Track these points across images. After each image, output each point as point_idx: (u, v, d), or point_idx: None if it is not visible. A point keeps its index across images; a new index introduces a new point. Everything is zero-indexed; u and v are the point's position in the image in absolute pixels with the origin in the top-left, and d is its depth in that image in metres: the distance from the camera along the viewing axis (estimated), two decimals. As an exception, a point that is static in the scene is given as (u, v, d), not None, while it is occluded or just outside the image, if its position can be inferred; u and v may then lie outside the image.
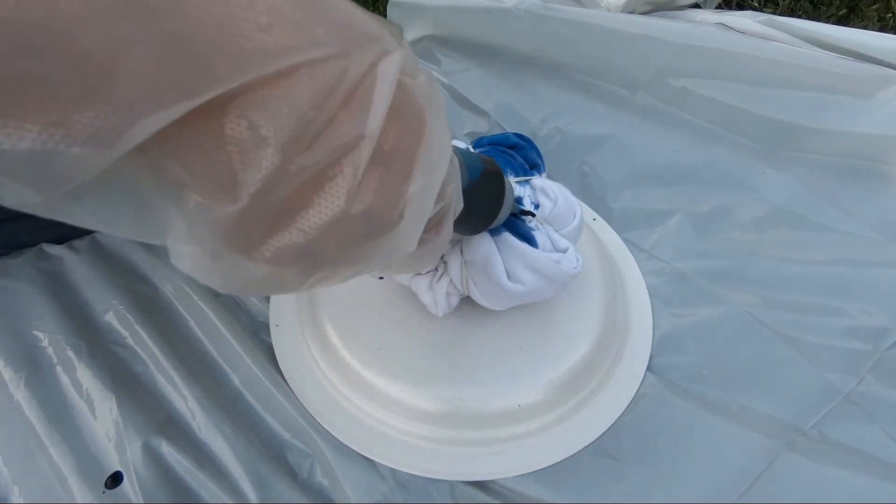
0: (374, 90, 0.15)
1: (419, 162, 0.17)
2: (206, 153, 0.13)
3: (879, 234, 0.41)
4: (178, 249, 0.15)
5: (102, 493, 0.30)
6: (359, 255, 0.17)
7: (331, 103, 0.14)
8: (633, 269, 0.43)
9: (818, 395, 0.34)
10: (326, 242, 0.16)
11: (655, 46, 0.49)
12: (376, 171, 0.16)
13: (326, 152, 0.14)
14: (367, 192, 0.16)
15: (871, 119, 0.43)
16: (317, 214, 0.15)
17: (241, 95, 0.13)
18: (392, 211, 0.17)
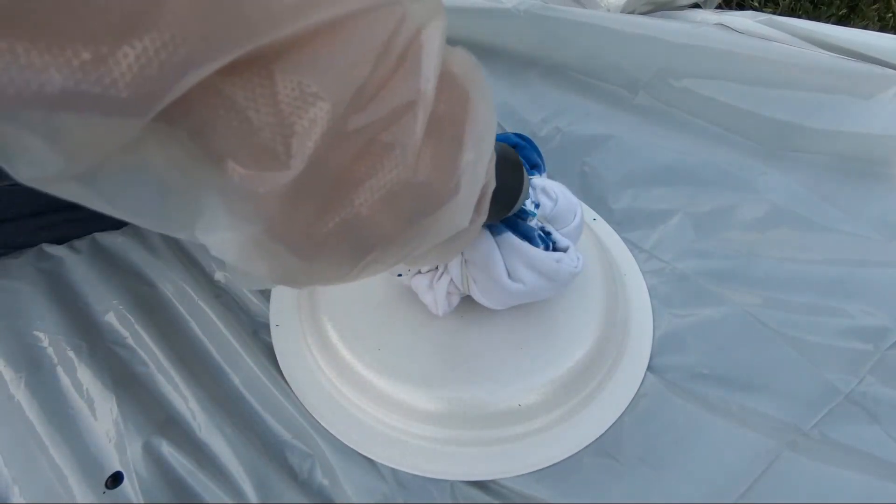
0: (422, 51, 0.14)
1: (468, 131, 0.16)
2: (254, 112, 0.11)
3: (880, 234, 0.41)
4: (216, 237, 0.14)
5: (103, 493, 0.30)
6: (413, 232, 0.16)
7: (388, 58, 0.13)
8: (633, 269, 0.43)
9: (819, 395, 0.34)
10: (383, 218, 0.14)
11: (656, 46, 0.49)
12: (431, 139, 0.14)
13: (383, 114, 0.13)
14: (424, 161, 0.14)
15: (872, 119, 0.43)
16: (375, 185, 0.14)
17: (293, 47, 0.11)
18: (449, 181, 0.16)
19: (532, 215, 0.34)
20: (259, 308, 0.39)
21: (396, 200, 0.14)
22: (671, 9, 0.55)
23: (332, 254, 0.15)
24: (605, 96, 0.52)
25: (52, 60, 0.09)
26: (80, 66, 0.09)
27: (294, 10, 0.11)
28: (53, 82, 0.09)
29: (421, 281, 0.34)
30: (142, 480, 0.30)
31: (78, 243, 0.41)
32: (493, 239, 0.32)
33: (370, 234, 0.15)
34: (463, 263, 0.32)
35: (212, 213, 0.13)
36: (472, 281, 0.32)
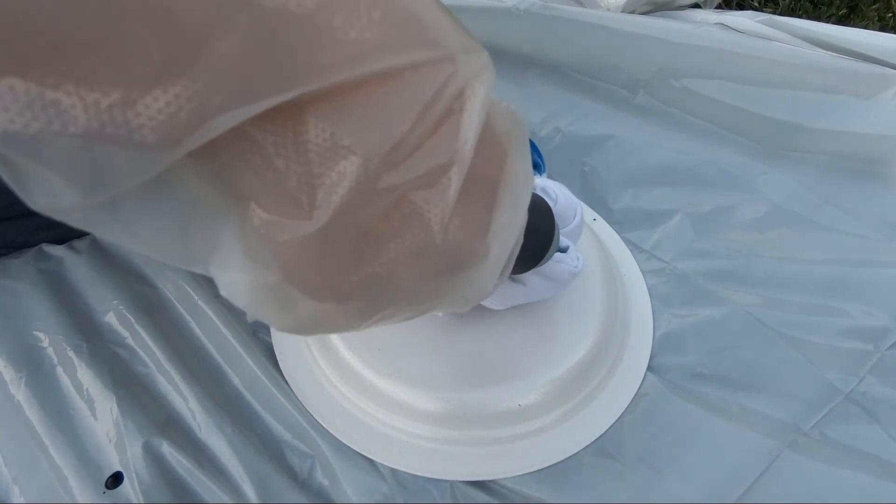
0: (465, 108, 0.13)
1: (504, 192, 0.15)
2: (282, 159, 0.11)
3: (880, 234, 0.41)
4: (231, 277, 0.13)
5: (103, 494, 0.30)
6: (434, 292, 0.15)
7: (429, 117, 0.12)
8: (633, 269, 0.42)
9: (819, 395, 0.34)
10: (405, 276, 0.14)
11: (656, 46, 0.49)
12: (465, 199, 0.14)
13: (417, 174, 0.12)
14: (454, 225, 0.14)
15: (872, 119, 0.43)
16: (401, 245, 0.13)
17: (332, 97, 0.11)
18: (479, 246, 0.15)
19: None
20: (259, 308, 0.39)
21: (421, 262, 0.14)
22: (671, 9, 0.55)
23: (348, 306, 0.14)
24: (605, 96, 0.52)
25: (80, 101, 0.09)
26: (107, 108, 0.09)
27: (340, 62, 0.11)
28: (78, 122, 0.09)
29: (421, 281, 0.34)
30: (142, 480, 0.30)
31: (78, 243, 0.41)
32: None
33: (390, 290, 0.14)
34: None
35: (228, 251, 0.13)
36: (472, 281, 0.32)
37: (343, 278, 0.13)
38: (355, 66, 0.11)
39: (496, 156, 0.15)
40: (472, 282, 0.16)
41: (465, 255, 0.15)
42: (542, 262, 0.29)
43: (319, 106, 0.11)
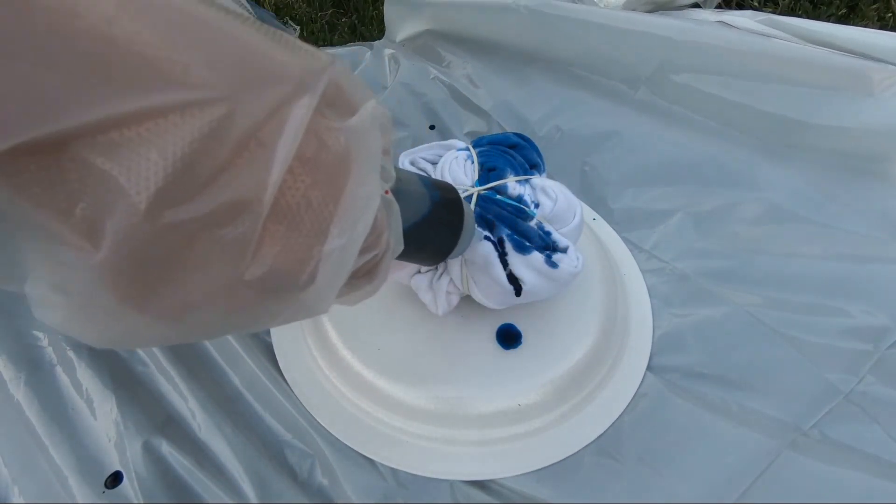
0: (277, 139, 0.13)
1: (338, 217, 0.15)
2: (62, 194, 0.11)
3: (880, 232, 0.41)
4: (44, 298, 0.13)
5: (102, 493, 0.30)
6: (257, 315, 0.16)
7: (215, 153, 0.12)
8: (633, 269, 0.42)
9: (818, 395, 0.34)
10: (217, 304, 0.14)
11: (656, 43, 0.49)
12: (280, 229, 0.14)
13: (212, 207, 0.12)
14: (267, 254, 0.14)
15: (873, 116, 0.43)
16: (203, 278, 0.13)
17: (104, 131, 0.11)
18: (300, 273, 0.15)
19: (532, 215, 0.34)
20: (259, 308, 0.39)
21: (232, 292, 0.14)
22: (671, 8, 0.55)
23: (164, 325, 0.14)
24: (605, 92, 0.52)
25: None
26: None
27: (104, 97, 0.11)
28: None
29: (421, 281, 0.34)
30: (141, 480, 0.30)
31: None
32: (492, 238, 0.32)
33: (207, 313, 0.14)
34: (463, 263, 0.32)
35: (39, 271, 0.13)
36: (471, 281, 0.32)
37: (151, 302, 0.13)
38: (119, 103, 0.11)
39: (332, 180, 0.15)
40: (298, 306, 0.16)
41: (285, 283, 0.15)
42: (453, 254, 0.28)
43: (93, 140, 0.11)
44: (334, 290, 0.17)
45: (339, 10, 1.05)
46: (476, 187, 0.35)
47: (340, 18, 1.03)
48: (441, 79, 0.56)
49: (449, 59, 0.59)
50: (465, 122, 0.54)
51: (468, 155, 0.37)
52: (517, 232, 0.32)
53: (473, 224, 0.29)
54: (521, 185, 0.35)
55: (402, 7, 0.61)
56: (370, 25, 1.00)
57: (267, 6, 1.02)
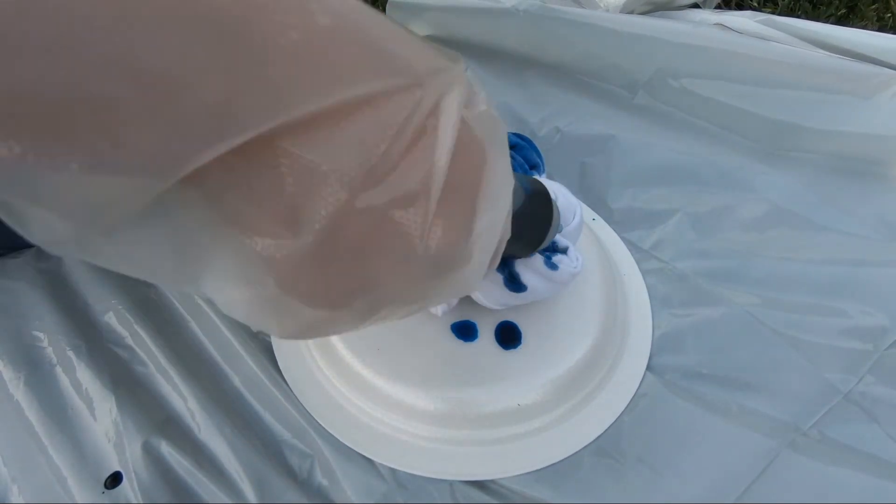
0: (439, 125, 0.14)
1: (483, 197, 0.16)
2: (266, 185, 0.12)
3: (879, 234, 0.41)
4: (227, 294, 0.14)
5: (102, 494, 0.30)
6: (424, 293, 0.17)
7: (403, 138, 0.13)
8: (632, 269, 0.43)
9: (818, 395, 0.34)
10: (396, 282, 0.15)
11: (655, 46, 0.49)
12: (444, 210, 0.15)
13: (396, 191, 0.13)
14: (435, 232, 0.15)
15: (871, 119, 0.43)
16: (385, 256, 0.14)
17: (309, 125, 0.12)
18: (461, 250, 0.16)
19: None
20: (258, 308, 0.39)
21: (406, 271, 0.15)
22: (670, 9, 0.55)
23: (342, 312, 0.16)
24: (604, 96, 0.52)
25: (70, 154, 0.10)
26: (86, 156, 0.10)
27: (309, 93, 0.12)
28: (70, 169, 0.10)
29: (420, 281, 0.34)
30: (141, 480, 0.30)
31: (77, 243, 0.41)
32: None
33: (380, 296, 0.16)
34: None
35: (223, 271, 0.14)
36: (471, 281, 0.32)
37: (334, 290, 0.14)
38: (330, 95, 0.12)
39: (475, 163, 0.16)
40: (457, 282, 0.17)
41: (449, 260, 0.16)
42: (542, 245, 0.29)
43: (295, 136, 0.12)
44: (483, 268, 0.18)
45: (339, 10, 1.05)
46: (476, 187, 0.35)
47: (340, 19, 1.03)
48: None
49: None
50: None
51: (468, 155, 0.37)
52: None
53: (559, 217, 0.29)
54: (520, 186, 0.35)
55: (403, 11, 0.61)
56: (370, 26, 1.00)
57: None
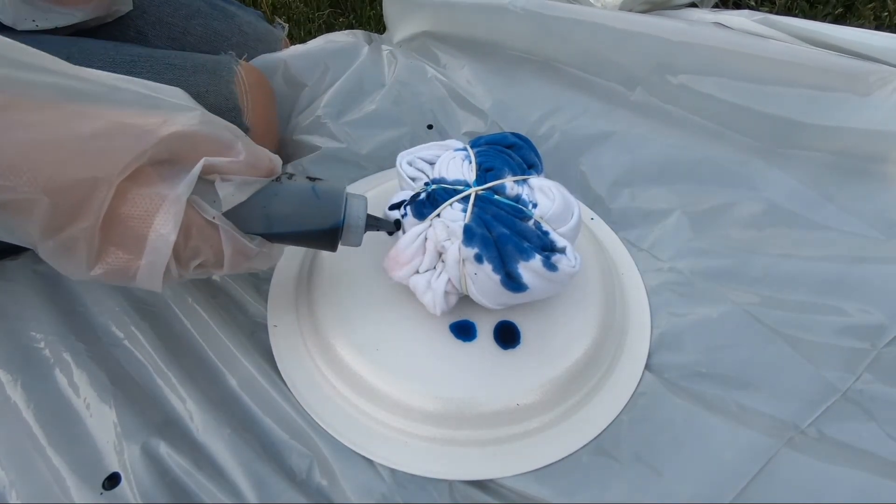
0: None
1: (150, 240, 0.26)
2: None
3: (877, 232, 0.41)
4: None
5: (100, 495, 0.30)
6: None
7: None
8: (631, 269, 0.43)
9: (816, 393, 0.34)
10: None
11: (653, 43, 0.49)
12: (112, 245, 0.26)
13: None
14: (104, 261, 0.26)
15: (869, 116, 0.43)
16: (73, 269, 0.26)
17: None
18: (130, 268, 0.27)
19: (529, 215, 0.34)
20: (257, 309, 0.39)
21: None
22: (668, 7, 0.55)
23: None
24: (602, 93, 0.52)
25: None
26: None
27: None
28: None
29: (419, 280, 0.34)
30: (139, 481, 0.30)
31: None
32: (490, 237, 0.32)
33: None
34: (461, 263, 0.32)
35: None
36: (469, 280, 0.32)
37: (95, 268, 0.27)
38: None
39: (134, 233, 0.27)
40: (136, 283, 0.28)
41: (121, 276, 0.27)
42: (348, 240, 0.32)
43: None
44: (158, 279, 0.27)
45: (337, 9, 1.05)
46: (474, 187, 0.35)
47: (338, 18, 1.03)
48: (439, 78, 0.56)
49: (446, 60, 0.59)
50: (462, 123, 0.54)
51: (466, 155, 0.37)
52: (515, 232, 0.32)
53: (359, 207, 0.32)
54: (518, 185, 0.35)
55: (400, 7, 0.61)
56: (367, 25, 1.00)
57: (264, 6, 1.02)
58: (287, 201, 0.30)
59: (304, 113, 0.53)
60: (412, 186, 0.36)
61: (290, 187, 0.31)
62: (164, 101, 0.27)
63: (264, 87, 0.49)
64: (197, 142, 0.27)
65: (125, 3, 0.50)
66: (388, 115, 0.53)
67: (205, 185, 0.27)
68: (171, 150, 0.26)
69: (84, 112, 0.24)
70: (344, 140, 0.51)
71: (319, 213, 0.31)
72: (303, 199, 0.31)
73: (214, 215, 0.27)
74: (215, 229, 0.28)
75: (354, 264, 0.38)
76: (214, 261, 0.29)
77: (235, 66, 0.46)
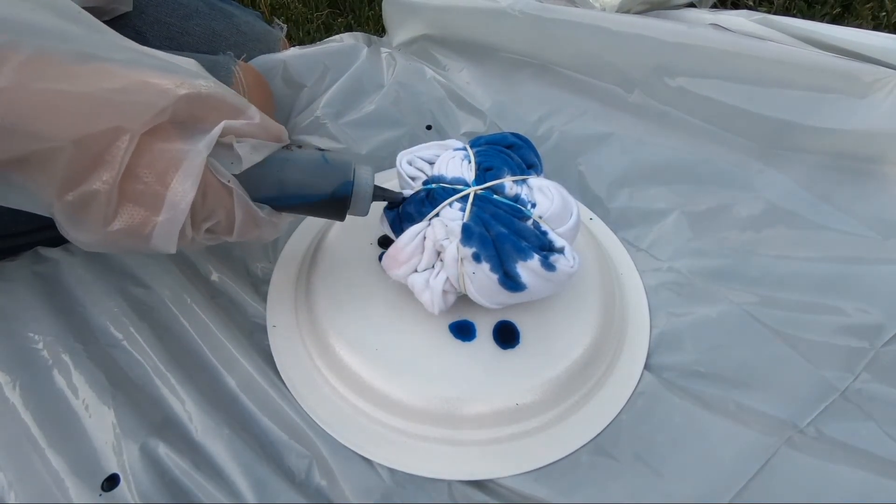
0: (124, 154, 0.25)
1: (167, 199, 0.26)
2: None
3: (875, 232, 0.41)
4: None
5: (99, 496, 0.30)
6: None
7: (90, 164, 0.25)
8: (630, 269, 0.43)
9: (815, 393, 0.34)
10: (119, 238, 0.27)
11: (651, 45, 0.49)
12: (129, 201, 0.26)
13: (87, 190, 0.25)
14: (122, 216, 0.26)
15: (867, 117, 0.43)
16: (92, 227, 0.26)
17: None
18: (144, 229, 0.27)
19: (528, 215, 0.34)
20: (255, 309, 0.39)
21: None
22: (666, 8, 0.55)
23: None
24: (600, 95, 0.52)
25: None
26: None
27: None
28: None
29: (417, 279, 0.34)
30: (139, 482, 0.30)
31: (74, 246, 0.41)
32: (488, 237, 0.32)
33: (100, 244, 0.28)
34: (459, 262, 0.32)
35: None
36: (468, 280, 0.32)
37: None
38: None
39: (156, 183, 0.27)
40: (151, 245, 0.28)
41: (137, 234, 0.27)
42: (356, 209, 0.33)
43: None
44: (172, 238, 0.27)
45: (335, 10, 1.05)
46: (473, 187, 0.35)
47: (336, 19, 1.03)
48: (438, 79, 0.56)
49: (445, 62, 0.59)
50: (462, 123, 0.54)
51: (465, 154, 0.37)
52: (513, 231, 0.32)
53: (366, 178, 0.33)
54: (518, 185, 0.35)
55: (399, 10, 0.61)
56: (366, 26, 1.00)
57: (263, 6, 1.02)
58: (299, 167, 0.31)
59: (303, 113, 0.53)
60: (412, 186, 0.36)
61: (302, 154, 0.32)
62: (181, 68, 0.28)
63: (263, 88, 0.49)
64: (214, 104, 0.28)
65: (125, 3, 0.50)
66: (387, 115, 0.53)
67: (221, 149, 0.28)
68: (190, 111, 0.27)
69: (109, 70, 0.25)
70: (343, 140, 0.51)
71: (329, 179, 0.32)
72: (314, 166, 0.32)
73: (229, 178, 0.28)
74: (229, 193, 0.28)
75: (354, 264, 0.38)
76: (226, 225, 0.29)
77: (234, 66, 0.46)
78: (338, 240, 0.40)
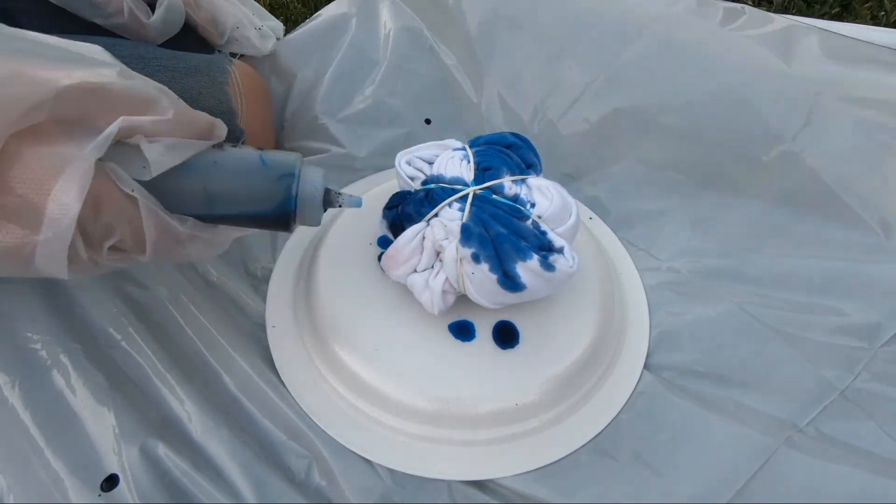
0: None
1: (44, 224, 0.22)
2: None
3: (875, 232, 0.41)
4: None
5: (98, 496, 0.30)
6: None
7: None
8: (629, 268, 0.43)
9: (814, 392, 0.34)
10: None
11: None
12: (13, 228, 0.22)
13: None
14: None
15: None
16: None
17: None
18: (22, 250, 0.22)
19: (527, 215, 0.34)
20: (255, 309, 0.39)
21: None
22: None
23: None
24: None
25: None
26: None
27: None
28: None
29: (417, 280, 0.34)
30: (138, 483, 0.30)
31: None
32: (488, 237, 0.32)
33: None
34: (459, 262, 0.32)
35: None
36: (467, 280, 0.32)
37: None
38: None
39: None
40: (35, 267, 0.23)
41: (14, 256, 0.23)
42: (302, 218, 0.28)
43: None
44: (59, 256, 0.23)
45: (334, 10, 1.05)
46: (472, 187, 0.35)
47: (335, 18, 1.03)
48: (435, 49, 0.55)
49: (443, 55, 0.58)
50: (461, 122, 0.53)
51: (464, 154, 0.37)
52: (513, 231, 0.32)
53: (315, 181, 0.28)
54: (517, 185, 0.35)
55: (396, 5, 0.61)
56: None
57: (262, 6, 1.02)
58: (229, 171, 0.26)
59: (299, 113, 0.53)
60: (411, 186, 0.36)
61: (233, 155, 0.27)
62: (73, 55, 0.23)
63: (260, 88, 0.49)
64: (113, 98, 0.22)
65: None
66: (385, 109, 0.52)
67: (126, 152, 0.23)
68: (81, 108, 0.22)
69: None
70: (344, 144, 0.50)
71: (267, 184, 0.26)
72: (248, 168, 0.26)
73: (133, 188, 0.23)
74: (134, 204, 0.23)
75: (353, 264, 0.38)
76: (134, 243, 0.25)
77: (229, 66, 0.46)
78: (337, 240, 0.40)
